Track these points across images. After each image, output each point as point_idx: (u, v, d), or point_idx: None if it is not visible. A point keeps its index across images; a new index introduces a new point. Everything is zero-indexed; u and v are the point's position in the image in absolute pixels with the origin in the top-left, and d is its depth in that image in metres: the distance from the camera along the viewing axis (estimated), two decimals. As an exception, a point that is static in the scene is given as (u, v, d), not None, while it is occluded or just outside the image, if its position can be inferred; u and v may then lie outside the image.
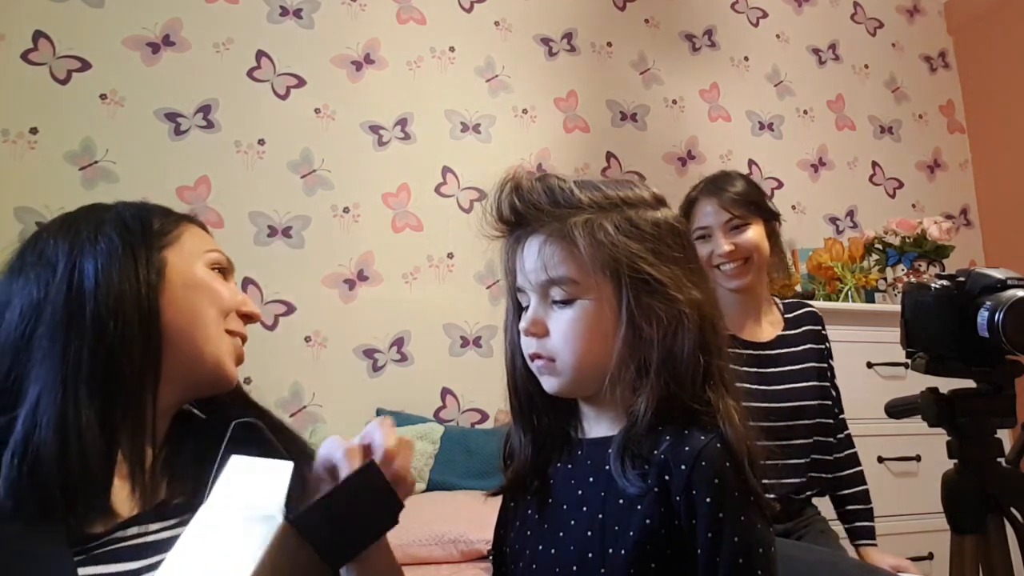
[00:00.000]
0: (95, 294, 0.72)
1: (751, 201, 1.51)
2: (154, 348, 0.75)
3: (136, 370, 0.73)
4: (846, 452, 1.61)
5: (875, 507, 1.59)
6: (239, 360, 0.83)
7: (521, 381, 0.80)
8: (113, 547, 0.69)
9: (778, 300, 1.65)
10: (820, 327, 1.61)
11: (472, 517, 1.68)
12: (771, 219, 1.56)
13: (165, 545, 0.72)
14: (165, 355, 0.76)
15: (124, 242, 0.76)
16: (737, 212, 1.49)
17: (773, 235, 1.56)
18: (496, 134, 2.65)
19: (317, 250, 2.38)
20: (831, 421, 1.58)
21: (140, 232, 0.78)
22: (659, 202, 0.78)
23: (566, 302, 0.73)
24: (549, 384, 0.76)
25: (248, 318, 0.85)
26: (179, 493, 0.76)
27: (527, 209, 0.75)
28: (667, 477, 0.68)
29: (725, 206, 1.49)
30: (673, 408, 0.70)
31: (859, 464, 1.61)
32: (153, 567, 0.70)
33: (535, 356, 0.76)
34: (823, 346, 1.60)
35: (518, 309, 0.79)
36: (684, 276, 0.74)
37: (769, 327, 1.57)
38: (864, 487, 1.59)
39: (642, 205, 0.76)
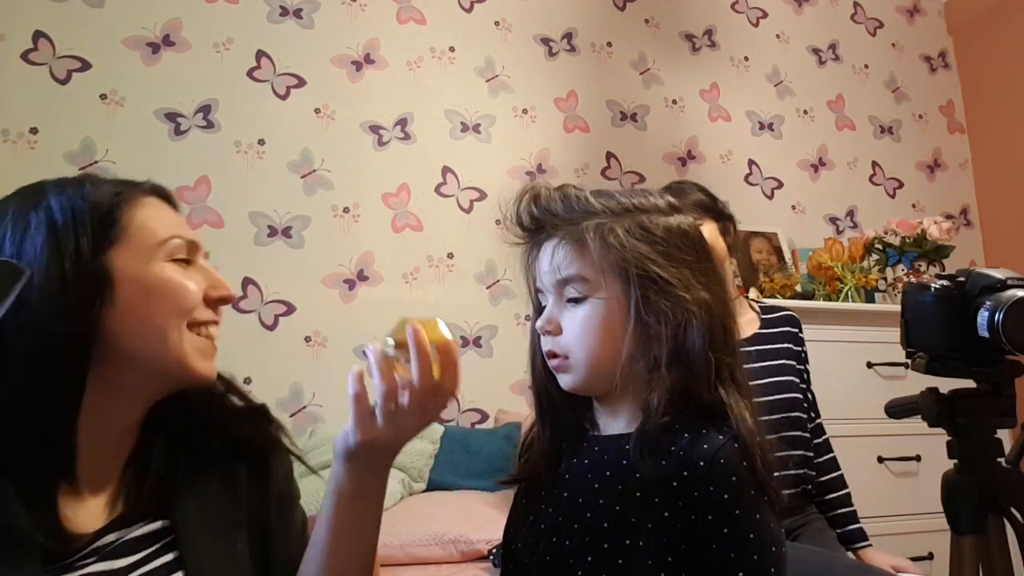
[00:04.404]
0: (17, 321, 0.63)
1: (701, 205, 1.58)
2: (78, 381, 0.66)
3: (51, 407, 0.65)
4: (826, 456, 1.62)
5: (875, 507, 1.60)
6: (209, 354, 0.75)
7: (540, 380, 0.84)
8: (95, 554, 0.69)
9: (754, 303, 1.71)
10: (797, 330, 1.66)
11: (472, 517, 1.68)
12: (723, 220, 1.62)
13: (146, 541, 0.72)
14: (114, 371, 0.68)
15: (52, 254, 0.66)
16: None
17: (727, 235, 1.60)
18: (496, 134, 2.64)
19: (317, 250, 2.38)
20: (809, 423, 1.60)
21: (74, 236, 0.68)
22: (674, 209, 0.82)
23: (578, 300, 0.77)
24: (565, 381, 0.79)
25: (221, 302, 0.76)
26: (156, 492, 0.74)
27: (544, 216, 0.80)
28: (685, 473, 0.70)
29: None
30: (688, 405, 0.73)
31: (840, 468, 1.63)
32: (138, 564, 0.70)
33: (551, 354, 0.79)
34: (800, 349, 1.64)
35: (539, 312, 0.83)
36: (694, 278, 0.77)
37: (745, 325, 1.60)
38: (847, 490, 1.61)
39: (655, 212, 0.80)
